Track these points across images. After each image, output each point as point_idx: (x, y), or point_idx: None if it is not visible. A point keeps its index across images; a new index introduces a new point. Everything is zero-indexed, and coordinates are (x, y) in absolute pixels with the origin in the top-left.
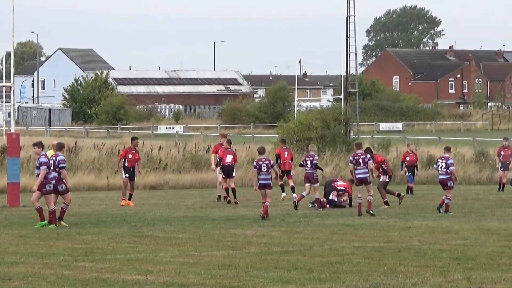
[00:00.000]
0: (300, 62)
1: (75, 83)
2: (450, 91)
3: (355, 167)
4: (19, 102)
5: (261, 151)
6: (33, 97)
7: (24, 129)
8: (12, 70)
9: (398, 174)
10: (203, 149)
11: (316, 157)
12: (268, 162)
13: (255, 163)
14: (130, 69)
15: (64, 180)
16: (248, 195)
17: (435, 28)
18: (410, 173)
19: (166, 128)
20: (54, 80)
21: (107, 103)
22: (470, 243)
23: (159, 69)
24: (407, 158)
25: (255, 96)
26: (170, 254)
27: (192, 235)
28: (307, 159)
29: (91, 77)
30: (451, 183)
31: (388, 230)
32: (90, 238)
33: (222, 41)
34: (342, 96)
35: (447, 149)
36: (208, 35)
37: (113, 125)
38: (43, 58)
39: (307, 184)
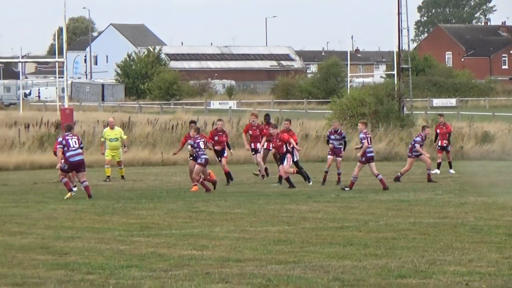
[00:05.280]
0: (352, 38)
1: (127, 59)
2: (503, 67)
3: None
4: (72, 78)
5: (198, 131)
6: (86, 72)
7: (78, 104)
8: (65, 46)
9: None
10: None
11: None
12: (204, 139)
13: (191, 142)
14: (182, 44)
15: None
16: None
17: (487, 3)
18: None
19: (219, 103)
20: (107, 56)
21: (160, 78)
22: None
23: (211, 44)
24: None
25: (307, 71)
26: (226, 229)
27: (247, 211)
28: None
29: (144, 53)
30: None
31: (443, 206)
32: (145, 213)
33: (274, 16)
34: (395, 72)
35: None
36: (259, 10)
37: (167, 101)
38: (95, 34)
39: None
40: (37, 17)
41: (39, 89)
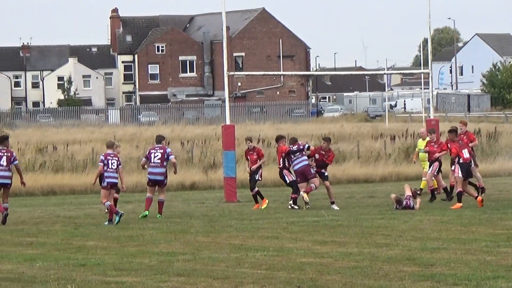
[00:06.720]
0: None
1: (493, 68)
2: None
3: None
4: (438, 89)
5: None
6: (451, 83)
7: (443, 115)
8: (430, 57)
9: None
10: None
11: None
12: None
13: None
14: None
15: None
16: None
17: None
18: None
19: None
20: (472, 66)
21: None
22: None
23: None
24: None
25: None
26: None
27: None
28: None
29: (509, 62)
30: None
31: None
32: None
33: None
34: None
35: None
36: None
37: None
38: (460, 44)
39: None
40: (403, 30)
41: (404, 101)
